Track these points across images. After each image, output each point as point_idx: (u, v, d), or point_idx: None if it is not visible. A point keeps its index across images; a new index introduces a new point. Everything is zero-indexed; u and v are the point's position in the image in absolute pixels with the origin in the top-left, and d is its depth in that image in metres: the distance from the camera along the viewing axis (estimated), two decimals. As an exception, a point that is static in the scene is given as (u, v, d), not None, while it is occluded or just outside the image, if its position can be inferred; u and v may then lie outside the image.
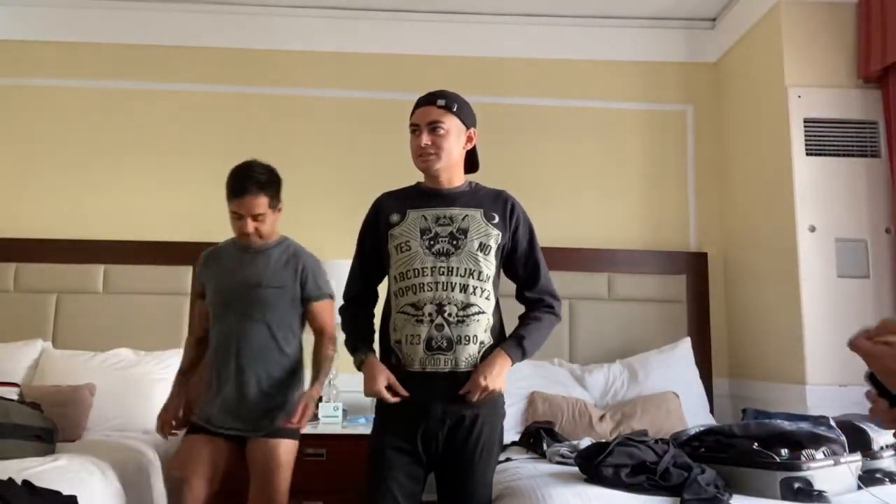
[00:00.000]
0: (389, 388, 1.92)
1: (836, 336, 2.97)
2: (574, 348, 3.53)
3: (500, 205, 2.04)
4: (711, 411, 3.34)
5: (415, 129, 2.00)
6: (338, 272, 3.27)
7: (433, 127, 1.97)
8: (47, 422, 2.56)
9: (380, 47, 3.82)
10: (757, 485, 1.98)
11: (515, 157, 3.74)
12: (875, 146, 3.12)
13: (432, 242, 1.96)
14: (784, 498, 1.92)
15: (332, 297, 2.55)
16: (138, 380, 3.14)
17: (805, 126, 3.12)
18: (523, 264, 2.06)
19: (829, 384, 2.93)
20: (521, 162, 3.74)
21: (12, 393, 2.69)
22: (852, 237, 3.05)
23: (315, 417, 3.14)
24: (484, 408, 1.94)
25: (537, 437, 2.74)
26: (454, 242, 1.95)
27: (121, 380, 3.11)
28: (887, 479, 2.11)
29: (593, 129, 3.82)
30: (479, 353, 1.93)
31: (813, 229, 3.05)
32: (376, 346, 2.05)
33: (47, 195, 3.65)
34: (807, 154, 3.10)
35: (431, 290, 1.92)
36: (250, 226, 2.41)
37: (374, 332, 2.09)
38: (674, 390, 3.15)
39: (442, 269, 1.93)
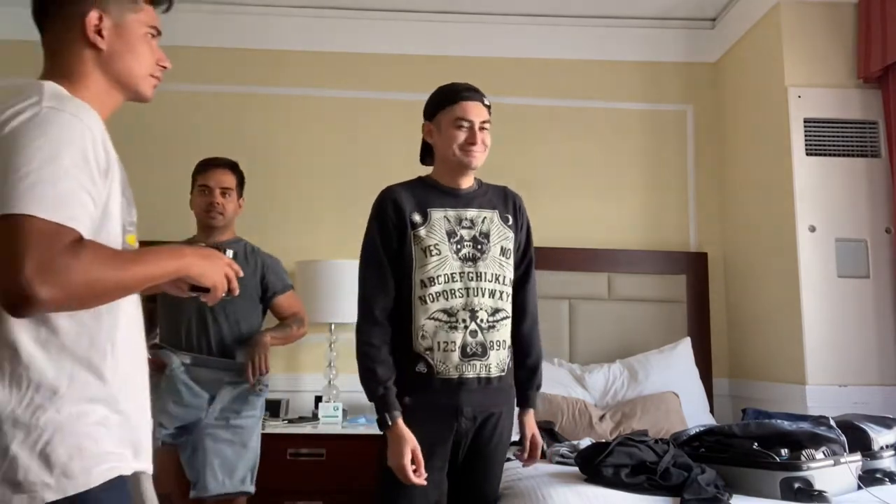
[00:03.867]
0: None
1: (836, 336, 2.97)
2: (574, 348, 3.52)
3: (509, 205, 2.07)
4: (711, 411, 3.33)
5: (463, 123, 1.93)
6: (335, 272, 3.29)
7: (483, 126, 1.96)
8: (48, 422, 2.56)
9: (380, 47, 3.81)
10: (757, 485, 1.98)
11: (515, 157, 3.73)
12: (875, 146, 3.12)
13: (459, 247, 1.94)
14: (784, 498, 1.92)
15: (293, 287, 2.66)
16: (138, 380, 3.13)
17: (805, 126, 3.11)
18: (522, 261, 2.09)
19: (829, 384, 2.93)
20: (521, 162, 3.73)
21: (13, 393, 2.69)
22: (852, 237, 3.05)
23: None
24: (506, 406, 2.03)
25: (537, 437, 2.73)
26: (479, 247, 1.95)
27: (121, 380, 3.11)
28: (887, 479, 2.11)
29: (593, 129, 3.82)
30: (508, 357, 1.99)
31: (813, 229, 3.05)
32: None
33: (47, 195, 3.64)
34: (807, 154, 3.10)
35: (463, 295, 1.91)
36: (218, 197, 2.43)
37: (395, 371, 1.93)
38: (674, 390, 3.15)
39: (471, 275, 1.93)
